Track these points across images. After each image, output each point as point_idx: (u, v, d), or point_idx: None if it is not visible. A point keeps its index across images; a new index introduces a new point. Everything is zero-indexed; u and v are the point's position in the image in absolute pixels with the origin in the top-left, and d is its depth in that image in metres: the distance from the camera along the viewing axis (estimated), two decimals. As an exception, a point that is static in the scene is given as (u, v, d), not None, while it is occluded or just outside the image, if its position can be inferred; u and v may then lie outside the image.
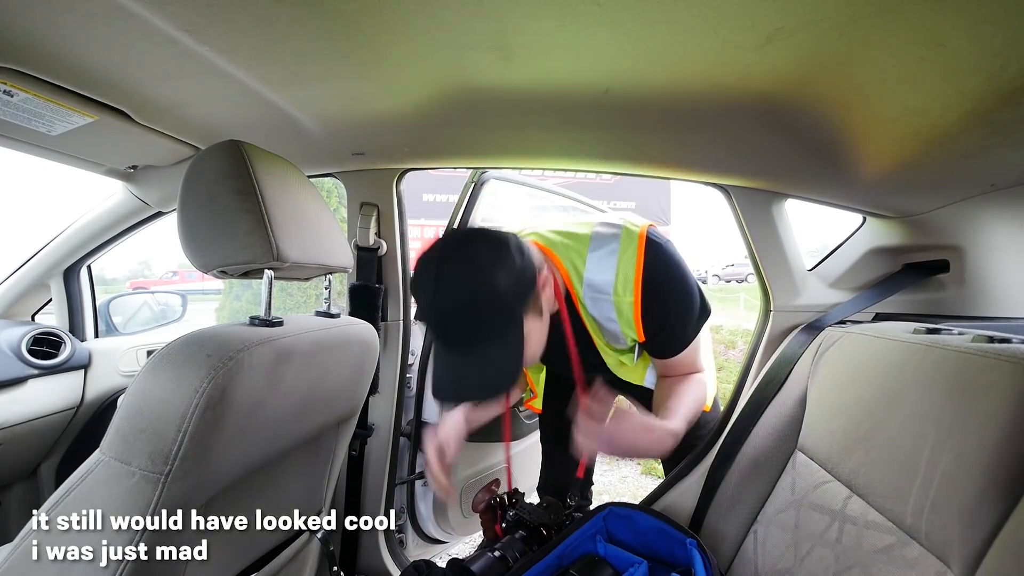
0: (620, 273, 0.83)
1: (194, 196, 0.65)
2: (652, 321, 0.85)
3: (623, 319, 0.85)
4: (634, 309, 0.83)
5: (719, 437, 1.10)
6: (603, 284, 0.84)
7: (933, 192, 0.94)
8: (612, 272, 0.83)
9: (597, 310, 0.86)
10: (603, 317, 0.87)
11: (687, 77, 0.67)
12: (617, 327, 0.87)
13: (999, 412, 0.55)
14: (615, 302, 0.84)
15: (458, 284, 0.67)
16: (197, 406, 0.53)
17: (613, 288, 0.83)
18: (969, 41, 0.50)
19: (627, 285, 0.82)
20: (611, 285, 0.83)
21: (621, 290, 0.83)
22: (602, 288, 0.84)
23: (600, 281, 0.84)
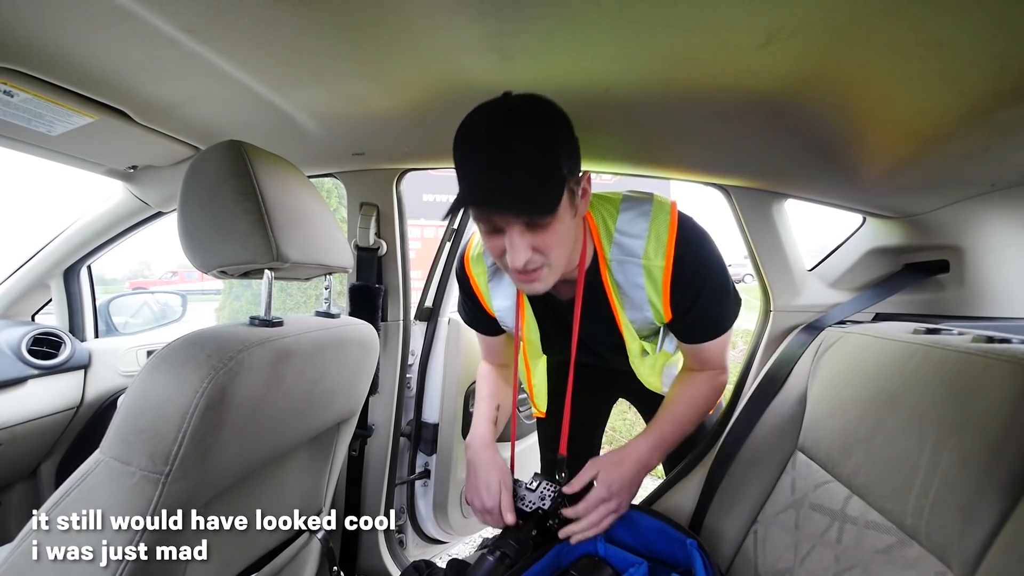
0: (652, 235, 0.79)
1: (194, 196, 0.65)
2: (683, 295, 0.80)
3: (652, 285, 0.81)
4: (664, 274, 0.79)
5: (719, 437, 1.10)
6: (633, 246, 0.80)
7: (933, 192, 0.94)
8: (644, 233, 0.79)
9: (623, 274, 0.82)
10: (628, 283, 0.82)
11: (687, 77, 0.67)
12: (644, 295, 0.82)
13: (999, 412, 0.55)
14: (644, 265, 0.80)
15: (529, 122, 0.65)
16: (197, 406, 0.53)
17: (644, 251, 0.79)
18: (969, 41, 0.50)
19: (659, 249, 0.78)
20: (642, 247, 0.79)
21: (652, 253, 0.79)
22: (632, 250, 0.80)
23: (630, 242, 0.80)
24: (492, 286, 0.94)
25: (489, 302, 0.95)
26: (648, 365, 0.99)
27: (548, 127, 0.66)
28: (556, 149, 0.66)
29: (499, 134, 0.65)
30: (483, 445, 0.91)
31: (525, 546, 0.80)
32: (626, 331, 0.89)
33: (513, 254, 0.68)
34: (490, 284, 0.94)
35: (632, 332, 0.89)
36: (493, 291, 0.94)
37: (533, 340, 0.98)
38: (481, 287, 0.95)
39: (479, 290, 0.96)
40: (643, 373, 1.00)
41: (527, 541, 0.80)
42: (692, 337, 0.88)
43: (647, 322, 0.88)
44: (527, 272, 0.71)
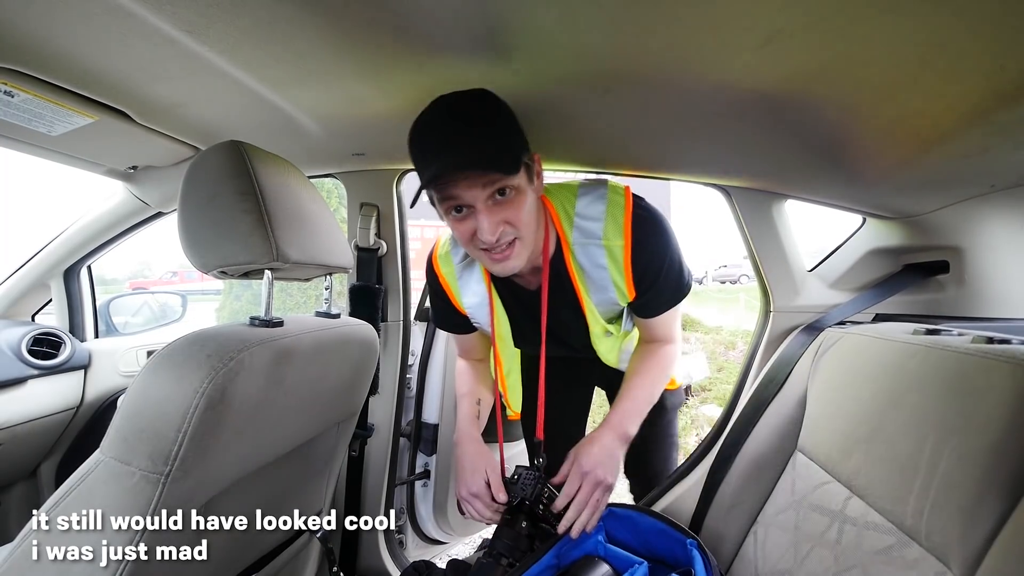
0: (609, 217, 0.82)
1: (194, 196, 0.65)
2: (644, 272, 0.84)
3: (614, 264, 0.84)
4: (624, 253, 0.82)
5: (719, 437, 1.10)
6: (593, 228, 0.83)
7: (933, 192, 0.94)
8: (602, 216, 0.83)
9: (586, 257, 0.85)
10: (592, 264, 0.85)
11: (687, 77, 0.67)
12: (607, 275, 0.85)
13: (999, 413, 0.55)
14: (605, 246, 0.83)
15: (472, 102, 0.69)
16: (197, 406, 0.53)
17: (603, 232, 0.83)
18: (969, 41, 0.50)
19: (617, 229, 0.82)
20: (601, 228, 0.83)
21: (612, 234, 0.82)
22: (592, 232, 0.83)
23: (590, 225, 0.83)
24: (461, 284, 0.95)
25: (459, 300, 0.97)
26: (608, 344, 1.02)
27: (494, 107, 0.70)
28: (507, 121, 0.70)
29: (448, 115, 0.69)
30: (468, 439, 0.92)
31: (517, 541, 0.79)
32: (589, 314, 0.92)
33: (484, 228, 0.70)
34: (459, 281, 0.95)
35: (595, 315, 0.92)
36: (463, 288, 0.96)
37: (504, 334, 0.99)
38: (451, 285, 0.96)
39: (449, 288, 0.97)
40: (602, 351, 1.02)
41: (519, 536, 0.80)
42: (651, 311, 0.91)
43: (611, 304, 0.90)
44: (500, 250, 0.73)
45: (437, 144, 0.69)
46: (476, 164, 0.67)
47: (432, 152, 0.69)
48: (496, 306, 0.94)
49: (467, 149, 0.67)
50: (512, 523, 0.82)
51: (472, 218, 0.72)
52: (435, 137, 0.69)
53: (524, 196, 0.73)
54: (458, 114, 0.68)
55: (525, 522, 0.82)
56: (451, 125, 0.68)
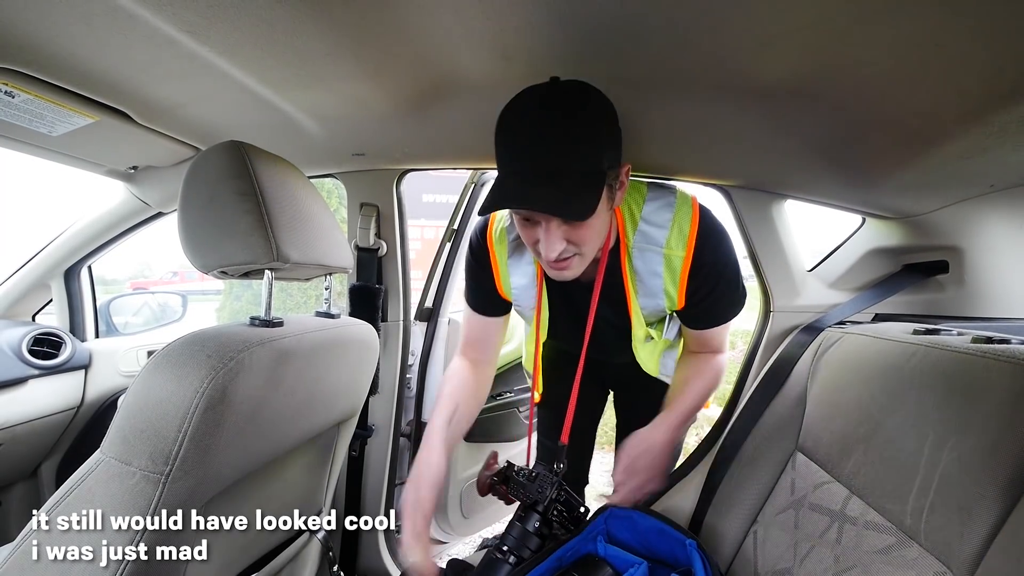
0: (675, 226, 0.81)
1: (194, 197, 0.65)
2: (699, 285, 0.83)
3: (670, 273, 0.83)
4: (683, 264, 0.82)
5: (719, 437, 1.10)
6: (656, 235, 0.82)
7: (933, 193, 0.94)
8: (668, 224, 0.82)
9: (643, 261, 0.84)
10: (647, 271, 0.84)
11: (687, 77, 0.67)
12: (660, 283, 0.84)
13: (999, 412, 0.55)
14: (665, 254, 0.82)
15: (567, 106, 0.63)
16: (197, 406, 0.53)
17: (666, 240, 0.82)
18: (969, 41, 0.50)
19: (681, 239, 0.81)
20: (664, 237, 0.82)
21: (674, 243, 0.81)
22: (654, 239, 0.82)
23: (654, 231, 0.82)
24: (511, 263, 0.93)
25: (506, 280, 0.95)
26: (648, 350, 1.01)
27: (591, 121, 0.64)
28: (598, 145, 0.65)
29: (540, 126, 0.63)
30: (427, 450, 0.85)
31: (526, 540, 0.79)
32: (635, 316, 0.91)
33: (548, 247, 0.69)
34: (510, 260, 0.93)
35: (640, 318, 0.91)
36: (512, 269, 0.94)
37: (543, 322, 0.97)
38: (500, 265, 0.94)
39: (497, 267, 0.94)
40: (643, 357, 1.01)
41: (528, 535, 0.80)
42: (700, 324, 0.91)
43: (656, 309, 0.90)
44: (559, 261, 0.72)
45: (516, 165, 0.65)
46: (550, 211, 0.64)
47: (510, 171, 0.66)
48: (543, 291, 0.93)
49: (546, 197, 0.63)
50: (524, 520, 0.82)
51: (538, 227, 0.70)
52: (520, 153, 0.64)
53: (597, 217, 0.69)
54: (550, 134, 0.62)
55: (538, 522, 0.82)
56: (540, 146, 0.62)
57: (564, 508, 0.83)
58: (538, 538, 0.81)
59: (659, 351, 1.04)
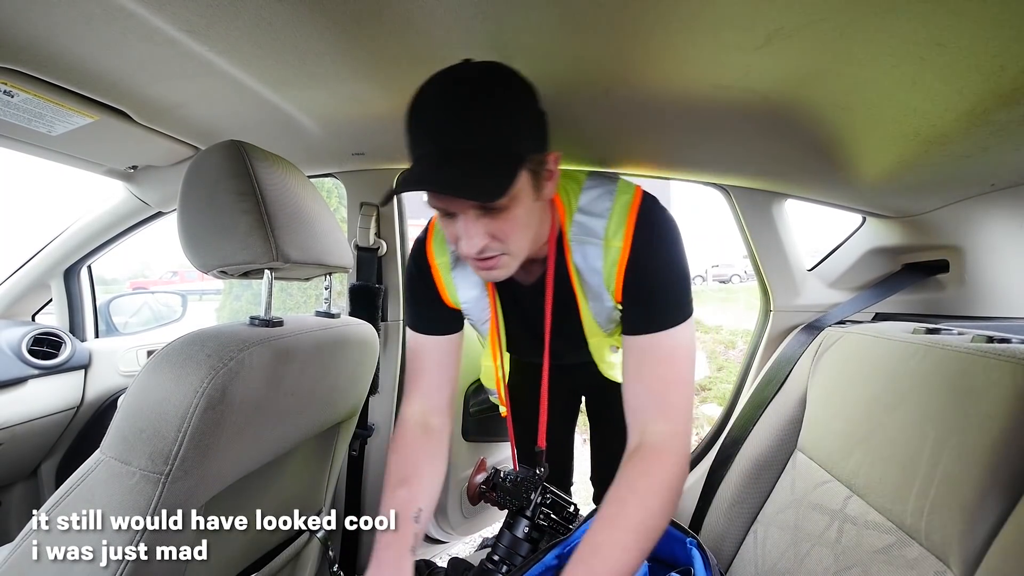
0: (614, 214, 0.73)
1: (194, 196, 0.65)
2: (636, 276, 0.74)
3: (608, 266, 0.75)
4: (620, 256, 0.73)
5: (719, 437, 1.10)
6: (594, 225, 0.74)
7: (933, 192, 0.94)
8: (607, 212, 0.74)
9: (583, 256, 0.76)
10: (588, 267, 0.76)
11: (687, 77, 0.67)
12: (601, 280, 0.76)
13: (999, 412, 0.55)
14: (603, 246, 0.74)
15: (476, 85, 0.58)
16: (197, 406, 0.53)
17: (605, 230, 0.74)
18: (969, 41, 0.50)
19: (619, 228, 0.73)
20: (603, 226, 0.74)
21: (612, 233, 0.73)
22: (592, 230, 0.75)
23: (592, 221, 0.75)
24: (456, 275, 0.84)
25: (453, 294, 0.85)
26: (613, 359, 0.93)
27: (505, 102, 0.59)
28: (514, 127, 0.60)
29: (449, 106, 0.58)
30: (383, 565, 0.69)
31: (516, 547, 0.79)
32: (587, 323, 0.83)
33: (467, 241, 0.63)
34: (453, 272, 0.84)
35: (594, 325, 0.83)
36: (458, 280, 0.84)
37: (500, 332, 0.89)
38: (443, 277, 0.85)
39: (440, 281, 0.85)
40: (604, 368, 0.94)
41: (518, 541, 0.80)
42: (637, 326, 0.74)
43: (608, 314, 0.81)
44: (483, 259, 0.66)
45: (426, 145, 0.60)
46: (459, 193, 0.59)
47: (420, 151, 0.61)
48: (496, 301, 0.86)
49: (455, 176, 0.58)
50: (513, 527, 0.82)
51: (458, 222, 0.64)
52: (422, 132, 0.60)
53: (518, 208, 0.63)
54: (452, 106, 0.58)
55: (527, 527, 0.81)
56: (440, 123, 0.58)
57: (551, 510, 0.83)
58: (528, 543, 0.81)
59: None
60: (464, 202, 0.61)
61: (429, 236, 0.85)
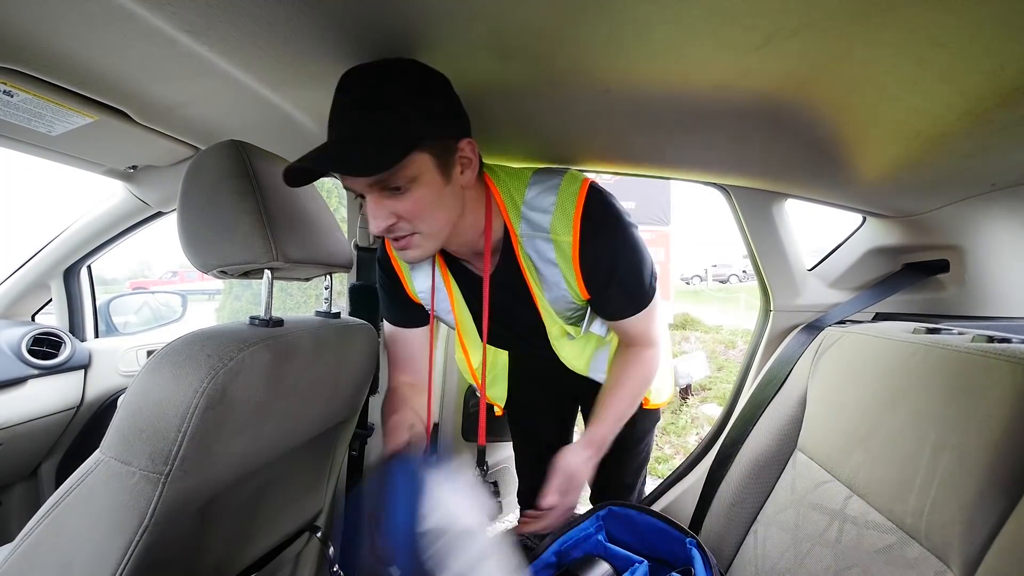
0: (559, 209, 0.76)
1: (194, 196, 0.65)
2: (594, 269, 0.78)
3: (563, 261, 0.78)
4: (572, 250, 0.76)
5: (719, 436, 1.10)
6: (541, 220, 0.77)
7: (933, 192, 0.94)
8: (551, 208, 0.76)
9: (534, 250, 0.79)
10: (542, 260, 0.79)
11: (687, 77, 0.67)
12: (558, 272, 0.79)
13: (999, 412, 0.55)
14: (554, 240, 0.77)
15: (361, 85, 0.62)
16: (197, 406, 0.53)
17: (551, 225, 0.76)
18: (969, 41, 0.50)
19: (566, 223, 0.75)
20: (549, 222, 0.76)
21: (560, 228, 0.76)
22: (540, 225, 0.77)
23: (538, 217, 0.77)
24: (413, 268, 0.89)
25: (411, 283, 0.90)
26: (570, 348, 0.96)
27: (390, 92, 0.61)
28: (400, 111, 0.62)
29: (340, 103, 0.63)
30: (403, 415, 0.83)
31: None
32: (544, 311, 0.86)
33: (372, 221, 0.66)
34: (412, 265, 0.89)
35: (551, 313, 0.86)
36: (414, 271, 0.89)
37: (466, 323, 0.93)
38: (404, 270, 0.90)
39: (401, 273, 0.91)
40: (566, 356, 0.97)
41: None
42: (612, 314, 0.86)
43: (567, 302, 0.84)
44: (397, 239, 0.69)
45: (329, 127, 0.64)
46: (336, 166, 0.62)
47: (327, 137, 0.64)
48: (454, 291, 0.89)
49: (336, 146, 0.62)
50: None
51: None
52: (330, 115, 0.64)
53: (426, 188, 0.65)
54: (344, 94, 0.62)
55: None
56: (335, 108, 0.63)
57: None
58: None
59: (590, 350, 1.00)
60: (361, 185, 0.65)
61: None
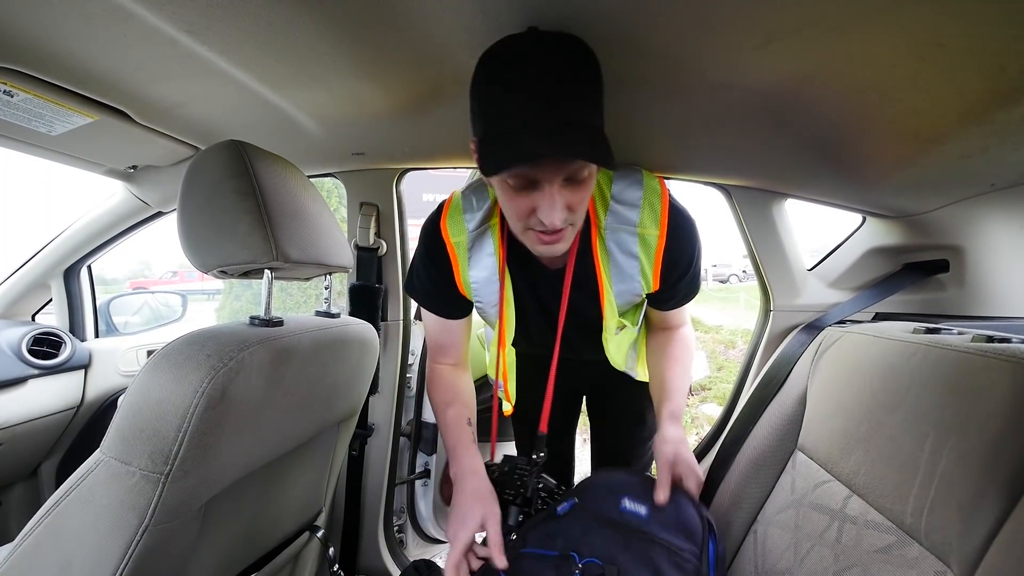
0: (646, 204, 0.77)
1: (194, 196, 0.65)
2: (674, 265, 0.81)
3: (645, 253, 0.79)
4: (659, 243, 0.78)
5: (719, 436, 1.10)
6: (629, 215, 0.78)
7: (933, 192, 0.94)
8: (639, 202, 0.78)
9: (616, 242, 0.80)
10: (622, 252, 0.80)
11: (687, 77, 0.67)
12: (636, 264, 0.80)
13: (999, 412, 0.55)
14: (640, 234, 0.78)
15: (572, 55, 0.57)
16: (197, 406, 0.53)
17: (639, 219, 0.78)
18: (969, 41, 0.50)
19: (654, 218, 0.77)
20: (637, 216, 0.78)
21: (648, 222, 0.77)
22: (627, 219, 0.78)
23: (626, 211, 0.78)
24: (472, 255, 0.84)
25: (465, 273, 0.86)
26: (617, 343, 0.97)
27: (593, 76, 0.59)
28: (600, 100, 0.60)
29: (551, 74, 0.55)
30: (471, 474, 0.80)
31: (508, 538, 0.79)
32: (607, 304, 0.86)
33: (551, 212, 0.63)
34: (469, 252, 0.84)
35: (613, 306, 0.86)
36: (472, 262, 0.85)
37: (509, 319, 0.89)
38: (460, 258, 0.85)
39: (456, 261, 0.85)
40: (611, 351, 0.97)
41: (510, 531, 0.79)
42: (670, 305, 0.92)
43: (631, 295, 0.85)
44: (552, 233, 0.67)
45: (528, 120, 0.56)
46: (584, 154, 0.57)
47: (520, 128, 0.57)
48: (506, 285, 0.85)
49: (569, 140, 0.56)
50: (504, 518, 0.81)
51: (534, 194, 0.63)
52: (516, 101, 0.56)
53: (592, 180, 0.66)
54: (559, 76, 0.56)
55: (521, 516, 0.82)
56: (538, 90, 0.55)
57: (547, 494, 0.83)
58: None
59: (627, 344, 1.01)
60: (555, 172, 0.61)
61: (444, 215, 0.85)
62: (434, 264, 0.87)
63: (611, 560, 0.69)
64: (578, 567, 0.68)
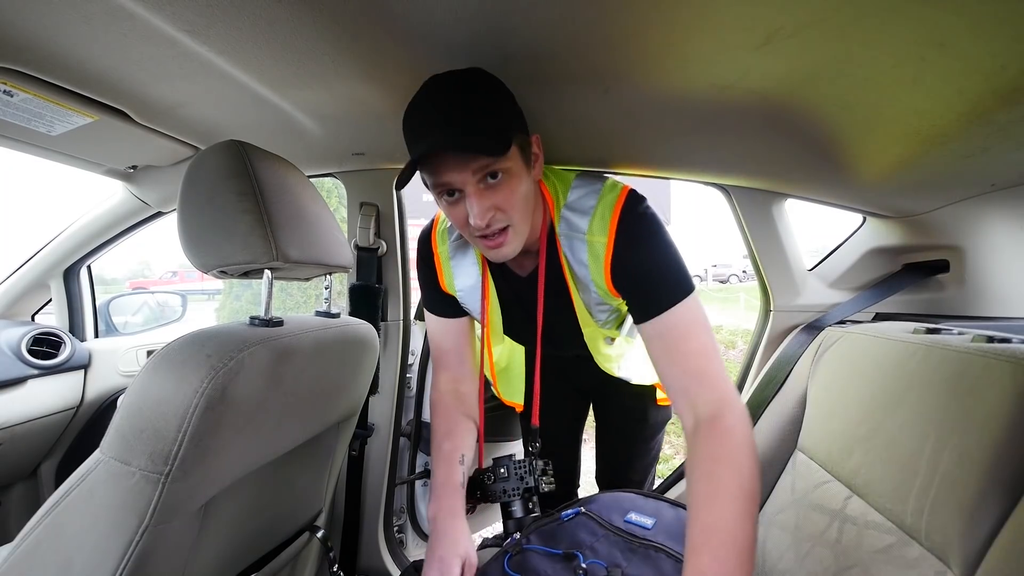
0: (598, 212, 0.78)
1: (194, 196, 0.65)
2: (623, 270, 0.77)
3: (594, 261, 0.79)
4: (605, 251, 0.78)
5: (719, 437, 1.09)
6: (579, 222, 0.80)
7: (933, 192, 0.94)
8: (591, 210, 0.79)
9: (570, 249, 0.82)
10: (575, 260, 0.82)
11: (687, 77, 0.67)
12: (588, 273, 0.81)
13: (999, 412, 0.55)
14: (588, 240, 0.79)
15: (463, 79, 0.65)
16: (197, 406, 0.53)
17: (588, 226, 0.79)
18: (969, 41, 0.50)
19: (603, 226, 0.78)
20: (587, 223, 0.79)
21: (596, 229, 0.78)
22: (577, 226, 0.80)
23: (576, 218, 0.80)
24: (455, 264, 0.92)
25: (450, 281, 0.93)
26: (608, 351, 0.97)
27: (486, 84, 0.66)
28: (500, 110, 0.66)
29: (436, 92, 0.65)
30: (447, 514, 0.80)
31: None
32: (579, 310, 0.88)
33: (476, 213, 0.68)
34: (452, 261, 0.92)
35: (585, 312, 0.88)
36: (456, 270, 0.92)
37: (496, 323, 0.95)
38: (443, 265, 0.93)
39: (440, 268, 0.93)
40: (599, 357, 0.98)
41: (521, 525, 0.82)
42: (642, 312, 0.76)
43: (597, 302, 0.85)
44: (492, 236, 0.71)
45: (425, 123, 0.65)
46: (463, 144, 0.63)
47: (419, 132, 0.66)
48: (490, 291, 0.91)
49: (453, 129, 0.64)
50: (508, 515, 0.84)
51: (464, 202, 0.69)
52: (422, 116, 0.66)
53: (517, 179, 0.69)
54: (447, 92, 0.65)
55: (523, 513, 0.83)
56: (439, 104, 0.65)
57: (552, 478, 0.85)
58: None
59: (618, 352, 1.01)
60: (468, 175, 0.66)
61: (434, 226, 0.94)
62: (426, 266, 0.96)
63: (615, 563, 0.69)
64: (582, 567, 0.68)
